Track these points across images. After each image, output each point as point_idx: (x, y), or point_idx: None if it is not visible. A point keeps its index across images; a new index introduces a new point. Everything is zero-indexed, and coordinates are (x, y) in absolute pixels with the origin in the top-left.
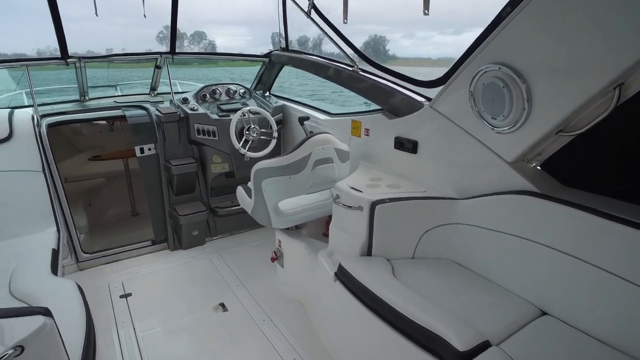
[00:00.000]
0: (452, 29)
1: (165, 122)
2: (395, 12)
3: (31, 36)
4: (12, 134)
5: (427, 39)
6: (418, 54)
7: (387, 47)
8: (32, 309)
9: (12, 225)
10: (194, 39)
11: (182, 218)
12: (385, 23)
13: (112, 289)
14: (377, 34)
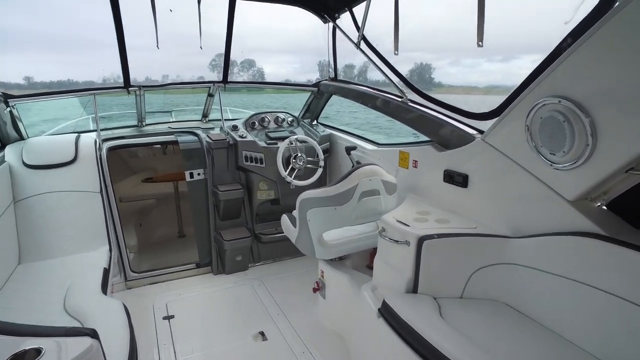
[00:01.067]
0: (500, 56)
1: (214, 148)
2: (442, 39)
3: (98, 65)
4: (76, 156)
5: (474, 66)
6: (464, 82)
7: (433, 74)
8: (80, 330)
9: (69, 243)
10: (244, 67)
11: (226, 243)
12: (431, 50)
13: (156, 310)
14: (423, 62)
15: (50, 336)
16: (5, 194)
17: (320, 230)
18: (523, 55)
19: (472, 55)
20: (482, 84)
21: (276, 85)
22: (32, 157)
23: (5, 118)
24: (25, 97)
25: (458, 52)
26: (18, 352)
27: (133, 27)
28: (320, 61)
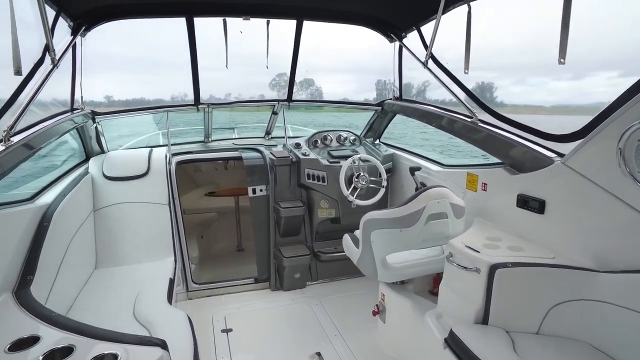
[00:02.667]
0: (570, 74)
1: (277, 165)
2: (506, 58)
3: (167, 84)
4: (149, 170)
5: (540, 85)
6: (529, 101)
7: (495, 93)
8: (152, 340)
9: (139, 251)
10: (302, 85)
11: (285, 260)
12: (493, 69)
13: (215, 322)
14: (485, 81)
15: (125, 343)
16: (87, 202)
17: (384, 252)
18: (598, 72)
19: (538, 73)
20: (548, 103)
21: (340, 104)
22: (111, 169)
23: (92, 133)
24: (109, 114)
25: (523, 70)
26: (98, 356)
27: (200, 48)
28: (378, 80)
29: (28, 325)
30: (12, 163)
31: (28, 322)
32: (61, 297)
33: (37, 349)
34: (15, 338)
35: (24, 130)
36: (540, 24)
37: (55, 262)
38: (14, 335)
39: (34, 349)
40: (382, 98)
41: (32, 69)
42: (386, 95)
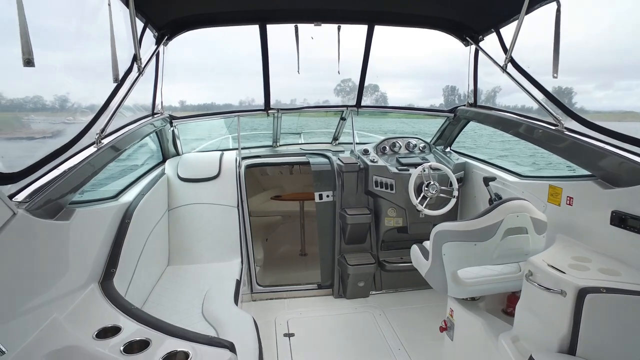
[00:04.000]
0: None
1: (345, 171)
2: (589, 60)
3: (235, 90)
4: (220, 172)
5: (631, 89)
6: (615, 107)
7: (574, 99)
8: (221, 342)
9: (209, 251)
10: (367, 91)
11: (350, 267)
12: (572, 73)
13: (277, 326)
14: (562, 86)
15: (196, 342)
16: (163, 202)
17: (456, 266)
18: None
19: (628, 75)
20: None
21: (410, 110)
22: (185, 171)
23: (169, 136)
24: (185, 118)
25: (609, 73)
26: (171, 352)
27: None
28: (446, 86)
29: (111, 315)
30: (103, 163)
31: (110, 312)
32: (138, 290)
33: (118, 340)
34: (101, 327)
35: (112, 133)
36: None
37: (134, 257)
38: (100, 323)
39: (115, 339)
40: (449, 104)
41: (122, 76)
42: (453, 101)
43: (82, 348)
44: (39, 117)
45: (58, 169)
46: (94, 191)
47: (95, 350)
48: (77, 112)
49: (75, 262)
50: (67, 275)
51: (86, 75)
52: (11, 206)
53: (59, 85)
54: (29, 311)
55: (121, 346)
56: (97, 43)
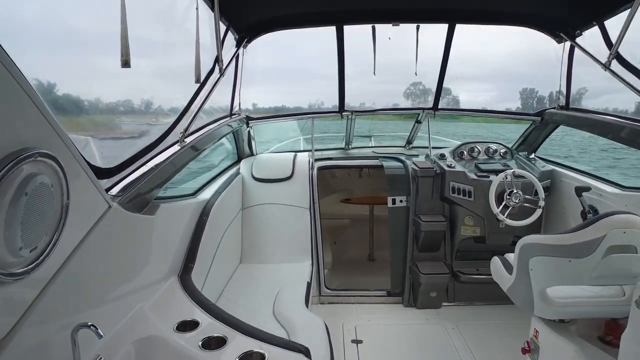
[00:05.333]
0: None
1: (420, 176)
2: None
3: (305, 93)
4: (293, 174)
5: None
6: None
7: None
8: (297, 346)
9: (280, 252)
10: None
11: (422, 276)
12: None
13: (345, 331)
14: None
15: (272, 344)
16: (238, 201)
17: (545, 283)
18: None
19: None
20: None
21: (492, 114)
22: (259, 171)
23: (245, 137)
24: (261, 119)
25: None
26: (248, 352)
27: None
28: (524, 89)
29: (189, 309)
30: (185, 160)
31: (189, 306)
32: (213, 286)
33: (197, 334)
34: (181, 320)
35: (194, 132)
36: None
37: (210, 254)
38: (179, 316)
39: (194, 333)
40: (526, 108)
41: (204, 78)
42: (532, 105)
43: (164, 339)
44: (129, 119)
45: (146, 166)
46: (174, 188)
47: (175, 342)
48: (160, 114)
49: (158, 255)
50: (151, 268)
51: (170, 80)
52: (107, 199)
53: (145, 90)
54: (119, 299)
55: (199, 341)
56: (181, 49)
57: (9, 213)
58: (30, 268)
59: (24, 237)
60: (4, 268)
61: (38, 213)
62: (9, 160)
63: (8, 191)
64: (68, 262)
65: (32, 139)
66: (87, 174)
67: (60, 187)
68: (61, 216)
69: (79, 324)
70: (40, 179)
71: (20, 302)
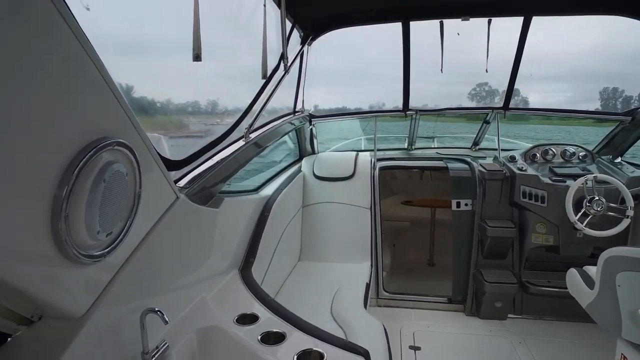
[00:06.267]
0: None
1: (488, 179)
2: None
3: (364, 93)
4: (355, 173)
5: None
6: None
7: None
8: (356, 348)
9: (339, 251)
10: (503, 97)
11: (487, 284)
12: None
13: (402, 336)
14: None
15: (331, 344)
16: (298, 198)
17: (637, 302)
18: None
19: None
20: None
21: (570, 113)
22: (321, 169)
23: (307, 135)
24: (324, 117)
25: None
26: (306, 350)
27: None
28: (604, 88)
29: (249, 302)
30: (249, 156)
31: (249, 300)
32: (271, 282)
33: (256, 328)
34: (240, 312)
35: (259, 128)
36: None
37: (270, 249)
38: (239, 309)
39: (253, 327)
40: (608, 109)
41: (269, 74)
42: (615, 105)
43: (224, 330)
44: (195, 119)
45: (212, 160)
46: (237, 183)
47: (235, 335)
48: (225, 114)
49: (220, 248)
50: (213, 260)
51: (234, 81)
52: (175, 191)
53: (210, 91)
54: (183, 288)
55: (259, 335)
56: (246, 50)
57: (89, 198)
58: (106, 251)
59: (101, 221)
60: (84, 250)
61: (114, 200)
62: (91, 147)
63: (89, 177)
64: (138, 249)
65: (111, 129)
66: (158, 165)
67: (134, 176)
68: (134, 204)
69: (147, 309)
70: (116, 167)
71: (97, 283)
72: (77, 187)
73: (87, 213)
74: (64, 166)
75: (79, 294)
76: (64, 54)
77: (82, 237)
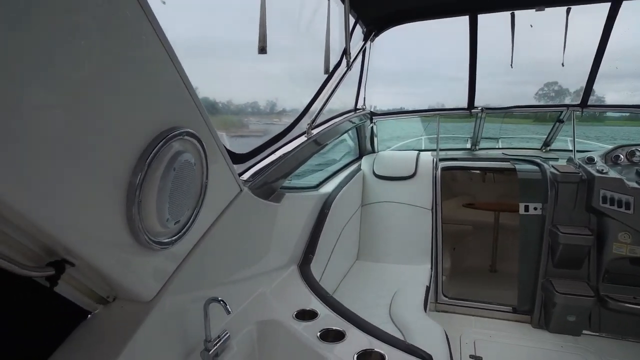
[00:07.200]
0: None
1: (561, 181)
2: None
3: (422, 95)
4: (416, 172)
5: None
6: None
7: None
8: (419, 352)
9: (397, 252)
10: (578, 95)
11: (558, 295)
12: None
13: (462, 344)
14: None
15: (392, 346)
16: (357, 197)
17: None
18: None
19: None
20: None
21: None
22: (381, 168)
23: (367, 133)
24: (385, 114)
25: None
26: (367, 350)
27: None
28: None
29: (307, 298)
30: (310, 152)
31: (307, 296)
32: (329, 279)
33: (315, 324)
34: (300, 308)
35: (320, 124)
36: None
37: (329, 247)
38: (298, 304)
39: (312, 323)
40: None
41: (332, 70)
42: None
43: (284, 324)
44: (254, 119)
45: (274, 154)
46: (297, 179)
47: (294, 330)
48: (284, 114)
49: (280, 243)
50: (273, 254)
51: (293, 81)
52: (239, 183)
53: (270, 91)
54: (244, 280)
55: (318, 331)
56: (307, 50)
57: (160, 186)
58: (174, 239)
59: (171, 209)
60: (155, 237)
61: (182, 189)
62: (162, 136)
63: (160, 165)
64: (203, 239)
65: (182, 120)
66: (224, 156)
67: (202, 167)
68: (200, 194)
69: (211, 298)
70: (185, 156)
71: (164, 270)
72: (149, 175)
73: (158, 200)
74: (137, 154)
75: (148, 280)
76: (145, 53)
77: (152, 224)
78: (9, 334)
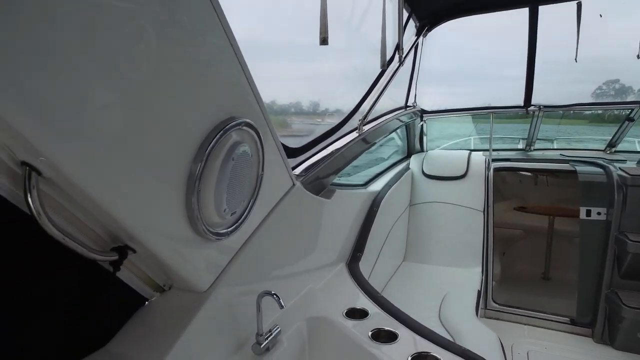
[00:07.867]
0: None
1: (630, 185)
2: None
3: (469, 94)
4: (467, 173)
5: None
6: None
7: None
8: (477, 357)
9: (446, 254)
10: (617, 94)
11: (626, 309)
12: None
13: (514, 354)
14: None
15: (447, 350)
16: (406, 196)
17: None
18: None
19: None
20: None
21: None
22: (430, 167)
23: (417, 131)
24: (436, 112)
25: None
26: (422, 353)
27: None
28: None
29: (357, 297)
30: (361, 149)
31: (357, 294)
32: (377, 279)
33: (366, 323)
34: (350, 306)
35: (372, 121)
36: None
37: (377, 246)
38: (348, 303)
39: (363, 322)
40: None
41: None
42: None
43: (334, 322)
44: (298, 119)
45: (326, 150)
46: (346, 177)
47: (345, 328)
48: (334, 114)
49: (330, 240)
50: (322, 251)
51: (343, 81)
52: (292, 177)
53: (318, 92)
54: (294, 276)
55: (369, 331)
56: (356, 50)
57: (219, 176)
58: (230, 230)
59: (228, 200)
60: (212, 227)
61: (239, 179)
62: (222, 126)
63: (220, 155)
64: (257, 231)
65: (241, 111)
66: (279, 149)
67: (258, 158)
68: (256, 185)
69: (264, 291)
70: (243, 147)
71: (218, 262)
72: (208, 165)
73: (216, 191)
74: (198, 143)
75: (203, 270)
76: (211, 45)
77: (210, 214)
78: (73, 317)
